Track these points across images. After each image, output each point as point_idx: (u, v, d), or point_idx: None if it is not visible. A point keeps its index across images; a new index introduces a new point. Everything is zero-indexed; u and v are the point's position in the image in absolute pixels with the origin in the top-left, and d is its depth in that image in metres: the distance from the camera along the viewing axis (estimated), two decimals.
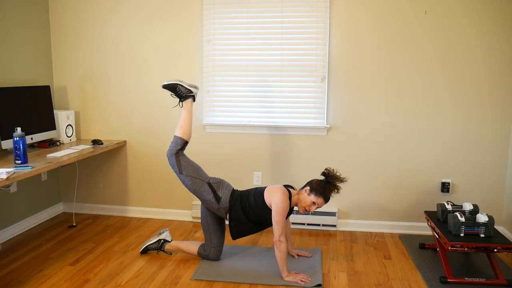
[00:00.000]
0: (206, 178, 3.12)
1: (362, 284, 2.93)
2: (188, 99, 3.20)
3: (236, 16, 3.81)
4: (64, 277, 2.98)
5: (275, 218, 2.92)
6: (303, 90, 3.82)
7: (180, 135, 3.14)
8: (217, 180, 3.15)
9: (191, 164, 3.13)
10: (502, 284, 2.88)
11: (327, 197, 2.98)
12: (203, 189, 3.08)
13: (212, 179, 3.14)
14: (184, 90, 3.19)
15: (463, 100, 3.68)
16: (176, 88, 3.19)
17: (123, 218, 4.21)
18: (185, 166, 3.10)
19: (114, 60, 4.06)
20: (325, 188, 2.96)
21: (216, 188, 3.09)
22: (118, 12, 3.99)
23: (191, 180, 3.08)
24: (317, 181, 3.01)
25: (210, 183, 3.10)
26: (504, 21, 3.54)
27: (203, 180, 3.10)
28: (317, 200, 2.97)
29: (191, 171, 3.10)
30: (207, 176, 3.15)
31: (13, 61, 3.67)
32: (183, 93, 3.19)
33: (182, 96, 3.20)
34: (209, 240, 3.20)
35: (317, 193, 2.96)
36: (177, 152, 3.11)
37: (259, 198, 3.03)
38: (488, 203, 3.77)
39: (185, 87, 3.19)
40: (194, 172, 3.10)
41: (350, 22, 3.71)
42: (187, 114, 3.16)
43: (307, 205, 2.99)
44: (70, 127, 3.95)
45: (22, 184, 3.80)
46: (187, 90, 3.19)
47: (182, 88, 3.19)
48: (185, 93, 3.19)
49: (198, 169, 3.14)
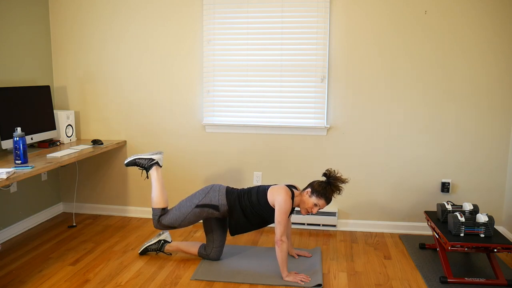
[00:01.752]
0: (191, 205, 3.10)
1: (362, 284, 2.94)
2: (153, 167, 3.27)
3: (236, 16, 3.81)
4: (64, 277, 2.98)
5: (278, 217, 2.92)
6: (303, 90, 3.82)
7: (155, 206, 3.19)
8: (205, 191, 3.12)
9: (174, 213, 3.13)
10: (502, 284, 2.88)
11: (328, 199, 2.98)
12: (199, 214, 3.10)
13: (199, 195, 3.12)
14: (145, 161, 3.28)
15: (463, 100, 3.68)
16: (136, 163, 3.28)
17: (123, 218, 4.21)
18: (172, 221, 3.13)
19: (114, 60, 4.06)
20: (327, 190, 2.96)
21: (208, 201, 3.08)
22: (118, 12, 3.99)
23: (187, 221, 3.12)
24: (318, 183, 3.01)
25: (198, 205, 3.09)
26: (504, 21, 3.54)
27: (192, 209, 3.09)
28: (319, 202, 2.97)
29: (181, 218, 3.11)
30: (191, 202, 3.11)
31: (13, 61, 3.67)
32: (145, 165, 3.27)
33: (146, 168, 3.28)
34: (211, 241, 3.20)
35: (319, 195, 2.96)
36: (158, 221, 3.16)
37: (262, 197, 3.03)
38: (488, 203, 3.77)
39: (145, 158, 3.27)
40: (181, 215, 3.11)
41: (350, 22, 3.71)
42: (156, 183, 3.23)
43: (309, 207, 2.99)
44: (70, 127, 3.95)
45: (22, 184, 3.80)
46: (147, 160, 3.27)
47: (141, 160, 3.28)
48: (146, 164, 3.27)
49: (180, 206, 3.13)
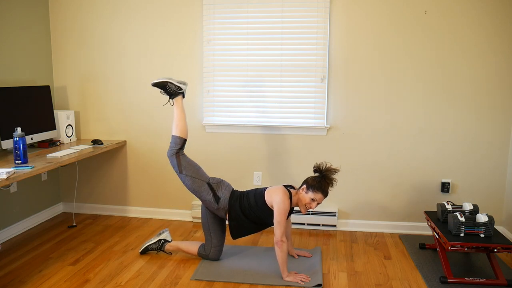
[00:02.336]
0: (206, 178, 3.12)
1: (362, 284, 2.94)
2: (178, 96, 3.20)
3: (236, 16, 3.81)
4: (64, 277, 2.98)
5: (277, 218, 2.92)
6: (303, 90, 3.82)
7: (177, 134, 3.13)
8: (217, 180, 3.15)
9: (191, 164, 3.13)
10: (502, 284, 2.88)
11: (325, 191, 2.97)
12: (202, 189, 3.08)
13: (212, 179, 3.14)
14: (174, 87, 3.18)
15: (463, 100, 3.68)
16: (166, 86, 3.17)
17: (123, 218, 4.21)
18: (185, 166, 3.10)
19: (114, 60, 4.06)
20: (321, 183, 2.96)
21: (216, 188, 3.10)
22: (118, 12, 3.99)
23: (190, 180, 3.09)
24: (312, 178, 3.01)
25: (209, 183, 3.10)
26: (504, 21, 3.54)
27: (203, 180, 3.10)
28: (316, 196, 2.96)
29: (191, 171, 3.10)
30: (207, 176, 3.15)
31: (13, 61, 3.67)
32: (173, 91, 3.18)
33: (172, 94, 3.19)
34: (209, 240, 3.20)
35: (314, 189, 2.96)
36: (177, 152, 3.12)
37: (260, 199, 3.03)
38: (488, 203, 3.77)
39: (175, 84, 3.18)
40: (194, 172, 3.10)
41: (350, 22, 3.71)
42: (180, 112, 3.16)
43: (307, 203, 2.99)
44: (70, 127, 3.95)
45: (22, 184, 3.80)
46: (176, 87, 3.19)
47: (171, 85, 3.17)
48: (174, 90, 3.18)
49: (198, 169, 3.14)
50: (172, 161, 3.12)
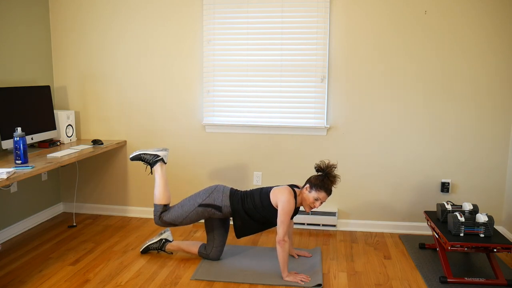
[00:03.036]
0: (194, 204, 3.11)
1: (362, 284, 2.94)
2: (157, 164, 3.28)
3: (236, 16, 3.81)
4: (64, 277, 2.98)
5: (281, 218, 2.92)
6: (303, 90, 3.82)
7: (159, 203, 3.20)
8: (210, 191, 3.13)
9: (176, 211, 3.15)
10: (502, 284, 2.88)
11: (328, 190, 2.97)
12: (201, 213, 3.11)
13: (202, 194, 3.12)
14: (150, 157, 3.30)
15: (463, 100, 3.68)
16: (141, 158, 3.31)
17: (123, 218, 4.21)
18: (174, 218, 3.14)
19: (114, 60, 4.06)
20: (324, 181, 2.96)
21: (211, 201, 3.09)
22: (118, 12, 3.99)
23: (189, 219, 3.13)
24: (315, 176, 3.01)
25: (201, 204, 3.10)
26: (504, 21, 3.54)
27: (195, 208, 3.10)
28: (320, 195, 2.96)
29: (182, 215, 3.12)
30: (195, 200, 3.12)
31: (13, 61, 3.67)
32: (150, 161, 3.29)
33: (150, 164, 3.30)
34: (212, 240, 3.20)
35: (318, 188, 2.96)
36: (159, 217, 3.18)
37: (265, 199, 3.03)
38: (488, 203, 3.77)
39: (150, 154, 3.29)
40: (184, 213, 3.12)
41: (350, 22, 3.71)
42: (159, 180, 3.24)
43: (311, 202, 2.99)
44: (70, 127, 3.95)
45: (22, 184, 3.80)
46: (152, 156, 3.29)
47: (147, 156, 3.30)
48: (151, 160, 3.29)
49: (182, 204, 3.15)
50: (163, 224, 3.19)
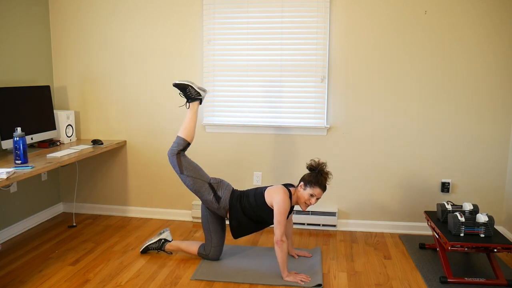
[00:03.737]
0: (206, 178, 3.13)
1: (362, 284, 2.94)
2: (195, 101, 3.21)
3: (236, 16, 3.81)
4: (64, 277, 2.98)
5: (277, 218, 2.92)
6: (303, 90, 3.82)
7: (183, 136, 3.14)
8: (217, 180, 3.16)
9: (192, 164, 3.13)
10: (502, 284, 2.88)
11: (322, 185, 2.98)
12: (203, 189, 3.09)
13: (213, 180, 3.15)
14: (194, 92, 3.19)
15: (463, 100, 3.68)
16: (186, 89, 3.19)
17: (123, 218, 4.21)
18: (186, 166, 3.11)
19: (114, 60, 4.06)
20: (318, 177, 2.98)
21: (216, 188, 3.11)
22: (118, 12, 3.99)
23: (192, 180, 3.09)
24: (308, 174, 3.03)
25: (210, 183, 3.11)
26: (504, 21, 3.54)
27: (204, 180, 3.11)
28: (314, 191, 2.97)
29: (192, 171, 3.11)
30: (208, 176, 3.16)
31: (13, 61, 3.67)
32: (192, 95, 3.20)
33: (190, 98, 3.21)
34: (209, 240, 3.20)
35: (312, 184, 2.97)
36: (178, 153, 3.12)
37: (260, 198, 3.03)
38: (488, 203, 3.77)
39: (195, 89, 3.19)
40: (195, 173, 3.11)
41: (350, 22, 3.71)
42: (193, 116, 3.18)
43: (307, 199, 2.99)
44: (70, 127, 3.95)
45: (22, 184, 3.80)
46: (196, 93, 3.20)
47: (192, 90, 3.19)
48: (194, 95, 3.20)
49: (199, 169, 3.15)
50: (172, 160, 3.12)
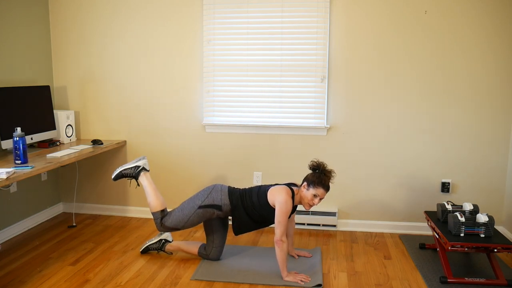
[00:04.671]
0: (194, 206, 3.10)
1: (362, 284, 2.94)
2: (140, 174, 3.26)
3: (236, 16, 3.81)
4: (64, 277, 2.98)
5: (278, 218, 2.92)
6: (303, 90, 3.82)
7: (154, 211, 3.18)
8: (208, 192, 3.12)
9: (177, 215, 3.13)
10: (502, 284, 2.88)
11: (326, 185, 2.98)
12: (202, 215, 3.09)
13: (201, 196, 3.12)
14: (131, 171, 3.26)
15: (463, 100, 3.68)
16: (123, 175, 3.27)
17: (123, 218, 4.21)
18: (176, 223, 3.12)
19: (114, 60, 4.06)
20: (321, 177, 2.98)
21: (211, 201, 3.08)
22: (118, 12, 3.99)
23: (191, 222, 3.12)
24: (311, 174, 3.03)
25: (200, 206, 3.09)
26: (504, 21, 3.54)
27: (195, 211, 3.08)
28: (318, 192, 2.97)
29: (184, 219, 3.10)
30: (194, 203, 3.11)
31: (13, 61, 3.67)
32: (132, 174, 3.26)
33: (134, 176, 3.27)
34: (211, 240, 3.20)
35: (315, 185, 2.97)
36: (161, 223, 3.15)
37: (262, 198, 3.03)
38: (488, 203, 3.77)
39: (130, 168, 3.26)
40: (184, 216, 3.10)
41: (350, 22, 3.71)
42: (148, 188, 3.22)
43: (310, 200, 3.00)
44: (70, 127, 3.95)
45: (22, 184, 3.80)
46: (133, 169, 3.26)
47: (127, 171, 3.26)
48: (133, 172, 3.26)
49: (182, 208, 3.13)
50: (166, 231, 3.18)
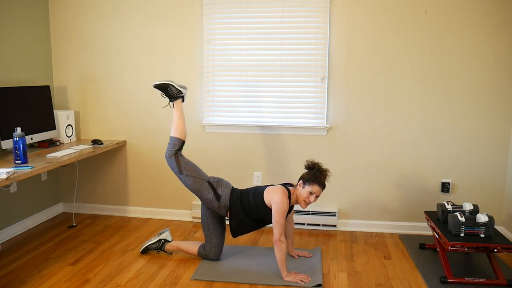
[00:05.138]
0: (205, 177, 3.14)
1: (362, 284, 2.94)
2: (178, 99, 3.23)
3: (236, 16, 3.81)
4: (64, 277, 2.98)
5: (275, 218, 2.92)
6: (303, 90, 3.82)
7: (176, 136, 3.15)
8: (216, 179, 3.17)
9: (190, 164, 3.14)
10: (502, 284, 2.88)
11: (321, 183, 2.99)
12: (203, 188, 3.09)
13: (212, 178, 3.16)
14: (175, 90, 3.21)
15: (463, 100, 3.68)
16: (167, 88, 3.20)
17: (123, 218, 4.21)
18: (185, 166, 3.11)
19: (114, 60, 4.06)
20: (316, 175, 2.99)
21: (216, 186, 3.11)
22: (118, 12, 3.99)
23: (191, 179, 3.09)
24: (307, 172, 3.05)
25: (210, 181, 3.12)
26: (504, 21, 3.54)
27: (203, 179, 3.11)
28: (313, 189, 2.98)
29: (191, 171, 3.11)
30: (206, 175, 3.17)
31: (13, 61, 3.67)
32: (174, 94, 3.21)
33: (173, 97, 3.22)
34: (209, 240, 3.20)
35: (311, 182, 2.98)
36: (175, 153, 3.12)
37: (259, 198, 3.03)
38: (488, 203, 3.77)
39: (176, 88, 3.21)
40: (194, 172, 3.11)
41: (350, 22, 3.71)
42: (180, 114, 3.19)
43: (306, 197, 3.00)
44: (70, 127, 3.95)
45: (22, 184, 3.80)
46: (177, 91, 3.22)
47: (173, 88, 3.20)
48: (175, 93, 3.21)
49: (198, 169, 3.15)
50: (170, 162, 3.13)
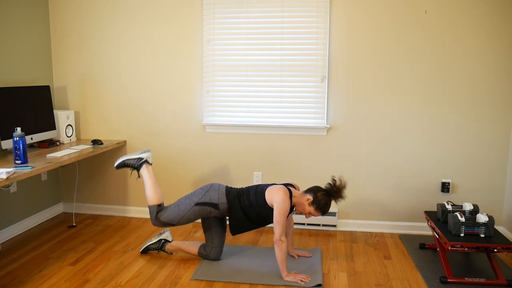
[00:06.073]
0: (190, 203, 3.10)
1: (362, 284, 2.94)
2: (143, 166, 3.28)
3: (236, 16, 3.81)
4: (64, 277, 2.98)
5: (277, 218, 2.92)
6: (303, 90, 3.82)
7: (151, 204, 3.18)
8: (205, 190, 3.13)
9: (173, 210, 3.13)
10: (502, 284, 2.88)
11: (325, 213, 3.07)
12: (198, 212, 3.09)
13: (198, 193, 3.12)
14: (134, 161, 3.29)
15: (463, 100, 3.68)
16: (125, 164, 3.30)
17: (123, 218, 4.21)
18: (171, 218, 3.12)
19: (114, 60, 4.06)
20: (327, 205, 3.03)
21: (208, 199, 3.08)
22: (118, 12, 3.99)
23: (186, 219, 3.12)
24: (322, 194, 3.02)
25: (197, 203, 3.09)
26: (504, 21, 3.54)
27: (191, 207, 3.09)
28: (315, 213, 3.05)
29: (178, 214, 3.11)
30: (191, 199, 3.11)
31: (13, 61, 3.67)
32: (135, 164, 3.29)
33: (136, 168, 3.29)
34: (210, 240, 3.20)
35: (318, 208, 3.02)
36: (156, 217, 3.15)
37: (260, 197, 3.03)
38: (488, 203, 3.77)
39: (133, 158, 3.29)
40: (180, 212, 3.10)
41: (350, 22, 3.71)
42: (148, 181, 3.23)
43: (305, 213, 3.07)
44: (70, 127, 3.95)
45: (22, 184, 3.80)
46: (136, 160, 3.29)
47: (130, 161, 3.29)
48: (136, 163, 3.29)
49: (179, 204, 3.14)
50: (159, 225, 3.17)
